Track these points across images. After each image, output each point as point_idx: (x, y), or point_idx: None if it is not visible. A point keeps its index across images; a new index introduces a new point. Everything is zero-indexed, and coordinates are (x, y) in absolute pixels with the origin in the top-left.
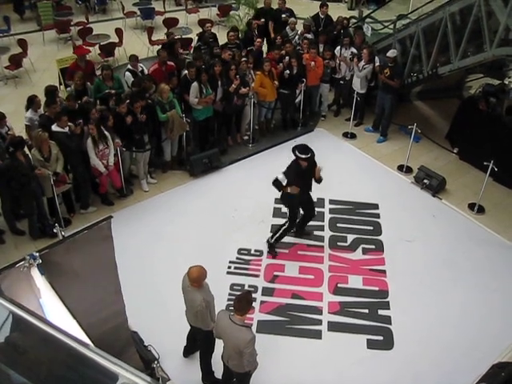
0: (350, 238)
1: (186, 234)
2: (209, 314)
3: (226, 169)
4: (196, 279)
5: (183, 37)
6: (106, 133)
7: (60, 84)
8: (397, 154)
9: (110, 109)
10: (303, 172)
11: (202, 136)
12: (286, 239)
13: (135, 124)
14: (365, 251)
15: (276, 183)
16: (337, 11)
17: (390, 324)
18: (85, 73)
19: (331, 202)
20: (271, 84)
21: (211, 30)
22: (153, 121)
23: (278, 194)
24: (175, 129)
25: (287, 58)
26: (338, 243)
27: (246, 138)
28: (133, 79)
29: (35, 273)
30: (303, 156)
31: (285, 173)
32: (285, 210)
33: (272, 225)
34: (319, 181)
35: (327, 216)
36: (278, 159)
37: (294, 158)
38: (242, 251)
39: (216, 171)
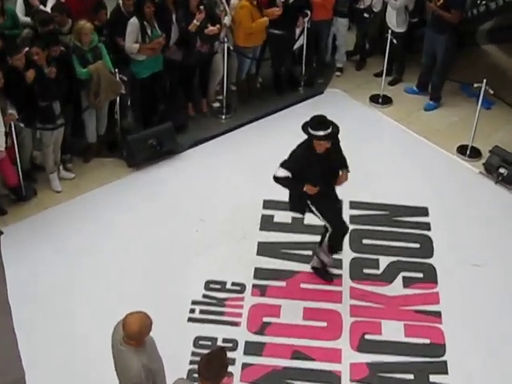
0: (384, 261)
1: (122, 261)
2: None
3: (184, 155)
4: (134, 334)
5: None
6: None
7: None
8: (456, 128)
9: None
10: (320, 160)
11: (146, 103)
12: (283, 265)
13: (40, 84)
14: (407, 282)
15: (285, 182)
16: None
17: None
18: None
19: (353, 205)
20: (261, 20)
21: None
22: (68, 79)
23: (270, 192)
24: (103, 92)
25: None
26: (365, 270)
27: (216, 105)
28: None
29: None
30: (320, 133)
31: (286, 163)
32: (280, 218)
33: (260, 242)
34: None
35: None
36: (267, 139)
37: (298, 138)
38: (212, 285)
39: (169, 159)
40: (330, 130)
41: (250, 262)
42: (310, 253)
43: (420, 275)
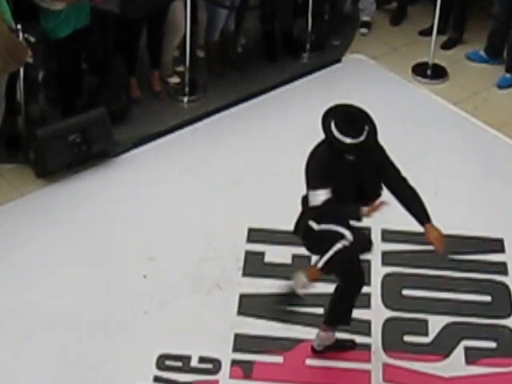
0: (436, 323)
1: (26, 334)
2: None
3: (124, 159)
4: None
5: None
6: None
7: None
8: None
9: None
10: (350, 171)
11: (65, 79)
12: (279, 330)
13: None
14: (473, 357)
15: (332, 209)
16: None
17: None
18: None
19: (387, 236)
20: None
21: None
22: None
23: (258, 217)
24: None
25: None
26: (407, 337)
27: (174, 81)
28: None
29: None
30: (350, 141)
31: (317, 181)
32: (274, 257)
33: (242, 295)
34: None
35: (378, 270)
36: (253, 134)
37: (301, 132)
38: (168, 362)
39: (100, 165)
40: (365, 135)
41: (227, 326)
42: (321, 311)
43: (492, 345)
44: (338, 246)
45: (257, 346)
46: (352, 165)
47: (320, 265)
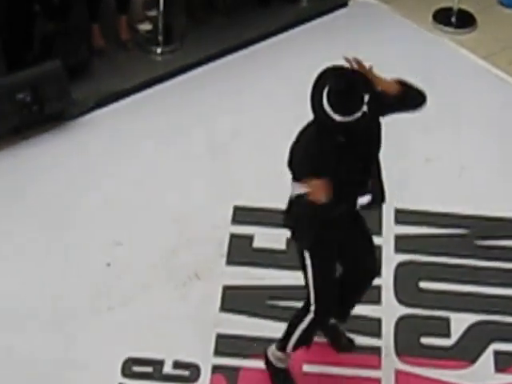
0: (460, 322)
1: None
2: None
3: (84, 122)
4: None
5: None
6: None
7: None
8: None
9: None
10: (346, 151)
11: (13, 24)
12: (270, 329)
13: None
14: (504, 363)
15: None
16: None
17: None
18: None
19: (401, 216)
20: None
21: None
22: None
23: (246, 192)
24: None
25: None
26: (425, 339)
27: (145, 28)
28: None
29: None
30: (344, 118)
31: (298, 172)
32: (265, 242)
33: (226, 287)
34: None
35: (390, 258)
36: (240, 94)
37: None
38: (136, 367)
39: (55, 128)
40: (363, 110)
41: (207, 325)
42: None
43: None
44: (303, 325)
45: (243, 348)
46: (346, 146)
47: (289, 350)
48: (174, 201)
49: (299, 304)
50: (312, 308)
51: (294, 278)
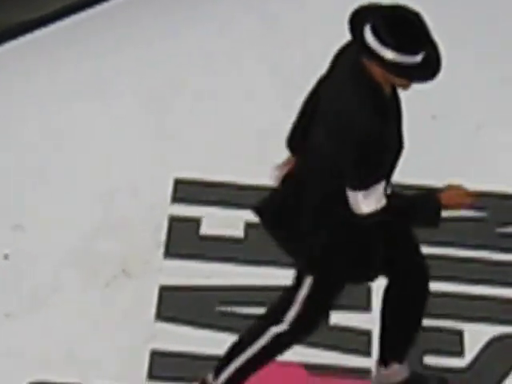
0: (476, 336)
1: None
2: None
3: None
4: None
5: None
6: None
7: None
8: None
9: None
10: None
11: None
12: (220, 345)
13: None
14: None
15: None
16: None
17: None
18: None
19: None
20: None
21: None
22: None
23: (190, 157)
24: None
25: None
26: (429, 359)
27: None
28: None
29: None
30: (396, 56)
31: (369, 173)
32: (216, 228)
33: (163, 288)
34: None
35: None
36: (187, 33)
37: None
38: None
39: None
40: (426, 52)
41: (138, 338)
42: None
43: None
44: (260, 342)
45: (186, 370)
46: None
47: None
48: (95, 171)
49: (261, 311)
50: (283, 326)
51: (254, 275)
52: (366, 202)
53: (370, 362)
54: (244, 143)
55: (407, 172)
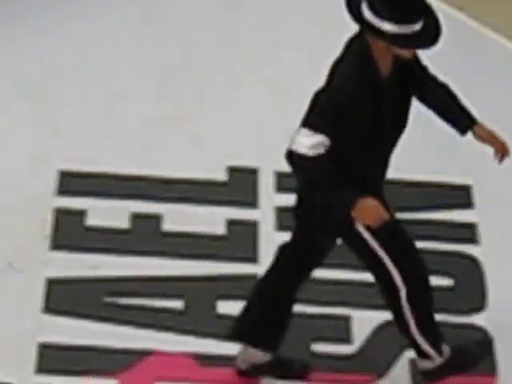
0: (364, 323)
1: None
2: None
3: None
4: None
5: None
6: None
7: None
8: None
9: None
10: (392, 95)
11: None
12: (109, 338)
13: None
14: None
15: (315, 170)
16: None
17: None
18: None
19: (283, 181)
20: None
21: None
22: None
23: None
24: None
25: None
26: (317, 346)
27: None
28: None
29: None
30: (393, 28)
31: (317, 117)
32: (103, 218)
33: (51, 280)
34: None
35: (269, 237)
36: None
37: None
38: None
39: None
40: (423, 21)
41: (25, 331)
42: (177, 304)
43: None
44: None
45: (75, 362)
46: (390, 86)
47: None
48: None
49: (147, 302)
50: (402, 294)
51: (140, 266)
52: (302, 140)
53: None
54: (127, 133)
55: None
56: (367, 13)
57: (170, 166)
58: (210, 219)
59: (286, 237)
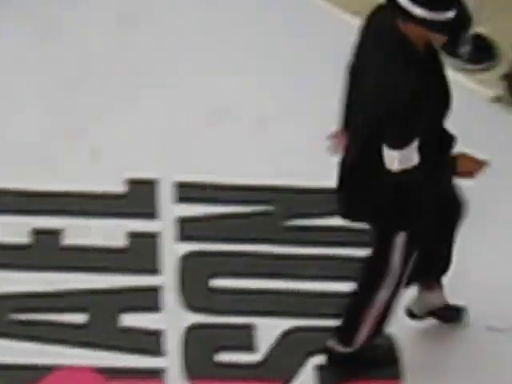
0: (268, 331)
1: None
2: None
3: None
4: None
5: None
6: None
7: None
8: None
9: None
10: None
11: None
12: (8, 353)
13: None
14: (329, 380)
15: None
16: None
17: None
18: None
19: (183, 191)
20: None
21: None
22: None
23: None
24: None
25: None
26: (221, 356)
27: None
28: None
29: None
30: (426, 14)
31: (405, 126)
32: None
33: None
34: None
35: (172, 249)
36: None
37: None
38: None
39: None
40: (456, 9)
41: None
42: (83, 318)
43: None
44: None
45: None
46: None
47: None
48: None
49: (51, 317)
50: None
51: (42, 281)
52: (399, 159)
53: (162, 362)
54: (25, 147)
55: (191, 167)
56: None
57: (68, 179)
58: (110, 232)
59: (186, 247)
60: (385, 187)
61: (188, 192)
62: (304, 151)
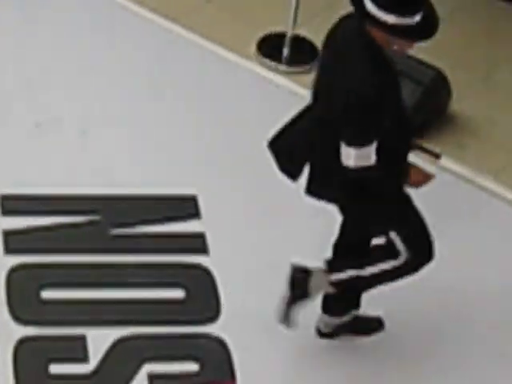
0: (100, 340)
1: None
2: None
3: None
4: None
5: None
6: None
7: None
8: None
9: None
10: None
11: None
12: None
13: None
14: None
15: (375, 176)
16: None
17: None
18: None
19: (8, 204)
20: None
21: None
22: None
23: None
24: None
25: None
26: (55, 367)
27: None
28: None
29: None
30: (396, 19)
31: (362, 125)
32: None
33: None
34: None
35: (1, 262)
36: None
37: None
38: None
39: None
40: (423, 15)
41: None
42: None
43: (193, 367)
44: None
45: None
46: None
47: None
48: None
49: None
50: (401, 259)
51: None
52: (355, 157)
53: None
54: None
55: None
56: (369, 4)
57: None
58: None
59: (14, 260)
60: (344, 182)
61: (13, 205)
62: (125, 160)
